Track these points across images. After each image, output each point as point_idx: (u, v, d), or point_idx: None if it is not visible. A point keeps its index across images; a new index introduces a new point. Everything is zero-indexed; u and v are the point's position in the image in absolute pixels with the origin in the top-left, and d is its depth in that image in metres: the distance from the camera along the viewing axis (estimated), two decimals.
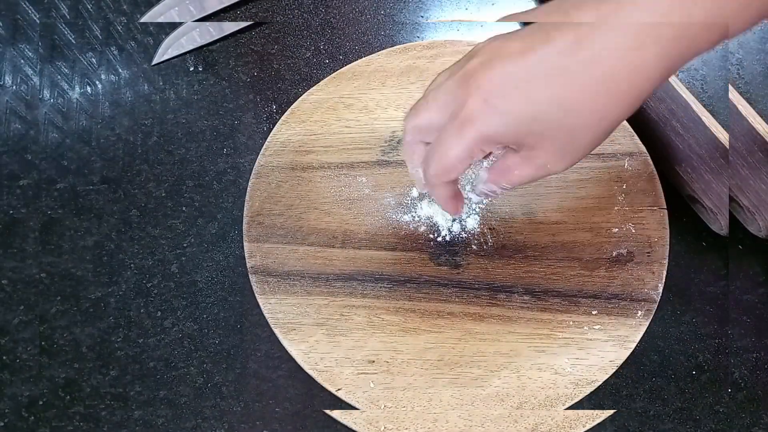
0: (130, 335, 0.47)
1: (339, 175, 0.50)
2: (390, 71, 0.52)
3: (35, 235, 0.49)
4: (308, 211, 0.49)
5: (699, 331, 0.47)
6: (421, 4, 0.56)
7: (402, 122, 0.37)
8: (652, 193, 0.48)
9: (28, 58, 0.54)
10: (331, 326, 0.46)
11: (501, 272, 0.47)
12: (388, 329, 0.46)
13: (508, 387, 0.44)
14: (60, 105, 0.53)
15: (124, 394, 0.46)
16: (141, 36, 0.55)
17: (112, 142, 0.52)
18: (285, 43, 0.55)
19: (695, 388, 0.45)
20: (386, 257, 0.48)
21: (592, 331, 0.45)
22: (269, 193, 0.50)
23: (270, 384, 0.46)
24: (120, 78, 0.54)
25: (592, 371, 0.44)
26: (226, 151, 0.52)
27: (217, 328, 0.47)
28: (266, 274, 0.47)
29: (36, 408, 0.45)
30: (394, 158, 0.50)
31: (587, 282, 0.46)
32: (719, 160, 0.45)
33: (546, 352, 0.45)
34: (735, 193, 0.45)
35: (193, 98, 0.53)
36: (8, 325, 0.47)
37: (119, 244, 0.49)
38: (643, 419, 0.45)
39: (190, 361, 0.47)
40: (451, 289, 0.47)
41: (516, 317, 0.46)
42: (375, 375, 0.45)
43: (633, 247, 0.47)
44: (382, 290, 0.47)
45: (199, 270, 0.49)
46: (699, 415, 0.45)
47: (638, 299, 0.46)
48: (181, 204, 0.50)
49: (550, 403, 0.44)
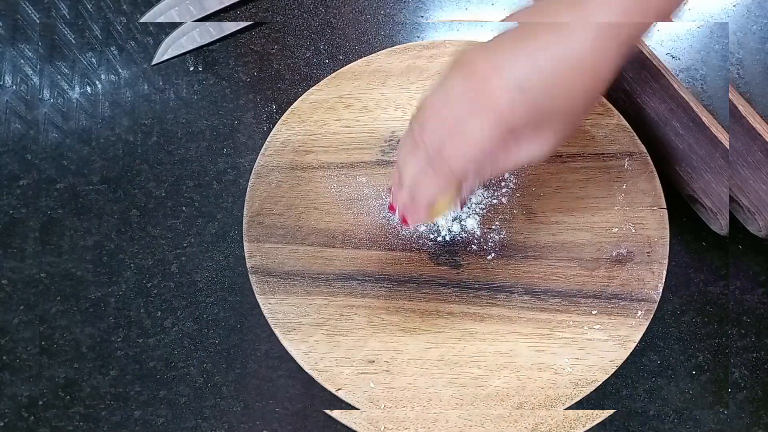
0: (130, 335, 0.47)
1: (339, 175, 0.50)
2: (390, 71, 0.52)
3: (35, 235, 0.49)
4: (308, 211, 0.49)
5: (699, 331, 0.47)
6: (421, 4, 0.56)
7: (403, 122, 0.38)
8: (652, 193, 0.48)
9: (28, 58, 0.54)
10: (331, 326, 0.46)
11: (501, 272, 0.47)
12: (388, 329, 0.46)
13: (508, 387, 0.44)
14: (60, 105, 0.53)
15: (124, 394, 0.46)
16: (141, 36, 0.55)
17: (112, 142, 0.52)
18: (285, 43, 0.55)
19: (695, 388, 0.45)
20: (386, 257, 0.48)
21: (592, 331, 0.45)
22: (269, 193, 0.50)
23: (270, 384, 0.46)
24: (120, 78, 0.54)
25: (592, 371, 0.44)
26: (226, 151, 0.52)
27: (217, 328, 0.47)
28: (266, 274, 0.47)
29: (36, 408, 0.45)
30: (394, 158, 0.50)
31: (587, 282, 0.46)
32: (719, 160, 0.45)
33: (546, 352, 0.45)
34: (735, 193, 0.45)
35: (193, 98, 0.53)
36: (8, 325, 0.47)
37: (119, 244, 0.49)
38: (643, 419, 0.45)
39: (190, 361, 0.47)
40: (451, 289, 0.47)
41: (516, 317, 0.46)
42: (375, 375, 0.45)
43: (633, 247, 0.47)
44: (382, 290, 0.47)
45: (199, 270, 0.49)
46: (699, 415, 0.45)
47: (638, 299, 0.46)
48: (181, 204, 0.51)
49: (550, 403, 0.44)
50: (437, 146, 0.36)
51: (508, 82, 0.34)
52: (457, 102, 0.35)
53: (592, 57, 0.34)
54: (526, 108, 0.34)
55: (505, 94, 0.34)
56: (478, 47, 0.35)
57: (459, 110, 0.35)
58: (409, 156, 0.38)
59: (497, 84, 0.34)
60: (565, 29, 0.34)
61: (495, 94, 0.34)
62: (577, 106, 0.36)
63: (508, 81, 0.34)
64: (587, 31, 0.33)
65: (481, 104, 0.35)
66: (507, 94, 0.34)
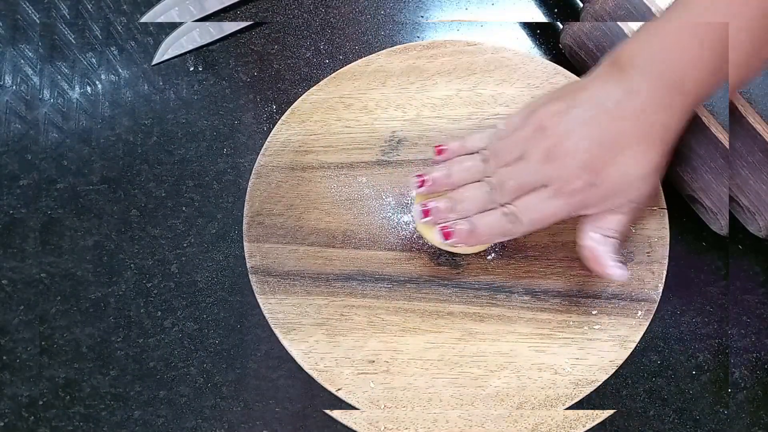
0: (130, 335, 0.47)
1: (339, 175, 0.50)
2: (390, 71, 0.52)
3: (35, 235, 0.49)
4: (308, 211, 0.49)
5: (699, 331, 0.47)
6: (421, 4, 0.56)
7: (403, 122, 0.38)
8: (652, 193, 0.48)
9: (28, 58, 0.54)
10: (331, 326, 0.46)
11: (501, 272, 0.47)
12: (388, 329, 0.46)
13: (508, 387, 0.44)
14: (60, 105, 0.53)
15: (124, 394, 0.46)
16: (141, 36, 0.55)
17: (112, 142, 0.52)
18: (285, 43, 0.55)
19: (695, 388, 0.45)
20: (386, 257, 0.48)
21: (592, 331, 0.45)
22: (269, 193, 0.50)
23: (270, 384, 0.46)
24: (120, 78, 0.54)
25: (592, 371, 0.44)
26: (226, 151, 0.52)
27: (217, 328, 0.47)
28: (266, 274, 0.47)
29: (36, 408, 0.45)
30: (394, 158, 0.50)
31: (587, 282, 0.46)
32: (719, 160, 0.45)
33: (546, 352, 0.45)
34: (735, 193, 0.45)
35: (193, 98, 0.53)
36: (8, 325, 0.47)
37: (119, 244, 0.49)
38: (643, 419, 0.45)
39: (190, 361, 0.47)
40: (451, 289, 0.47)
41: (516, 317, 0.46)
42: (375, 375, 0.45)
43: (633, 247, 0.47)
44: (382, 290, 0.47)
45: (199, 270, 0.49)
46: (699, 415, 0.45)
47: (638, 299, 0.46)
48: (181, 204, 0.51)
49: (550, 403, 0.44)
50: (510, 199, 0.41)
51: (583, 174, 0.39)
52: (534, 174, 0.40)
53: (651, 104, 0.38)
54: (600, 194, 0.40)
55: (579, 183, 0.39)
56: (552, 105, 0.41)
57: (535, 179, 0.40)
58: (474, 185, 0.42)
59: (574, 173, 0.39)
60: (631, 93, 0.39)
61: (573, 184, 0.39)
62: (642, 166, 0.40)
63: (582, 171, 0.39)
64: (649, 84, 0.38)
65: (558, 189, 0.39)
66: (581, 182, 0.39)
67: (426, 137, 0.50)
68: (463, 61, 0.52)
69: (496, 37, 0.55)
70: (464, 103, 0.51)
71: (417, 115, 0.51)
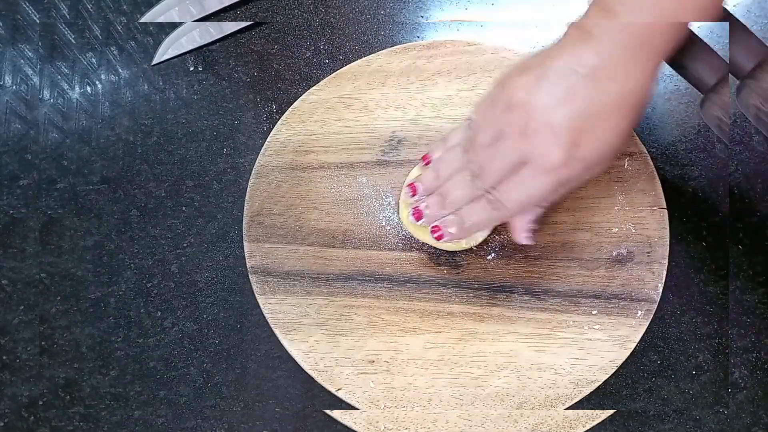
0: (130, 335, 0.47)
1: (339, 175, 0.50)
2: (390, 71, 0.52)
3: (35, 235, 0.49)
4: (308, 211, 0.49)
5: (699, 331, 0.47)
6: (421, 4, 0.56)
7: (402, 122, 0.38)
8: (652, 193, 0.48)
9: (28, 58, 0.54)
10: (331, 326, 0.46)
11: (501, 272, 0.47)
12: (388, 329, 0.46)
13: (508, 387, 0.44)
14: (60, 105, 0.53)
15: (124, 394, 0.46)
16: (141, 36, 0.55)
17: (112, 142, 0.52)
18: (285, 43, 0.55)
19: (695, 388, 0.45)
20: (386, 257, 0.48)
21: (592, 331, 0.45)
22: (269, 193, 0.50)
23: (270, 384, 0.46)
24: (120, 78, 0.54)
25: (592, 371, 0.44)
26: (226, 151, 0.52)
27: (217, 328, 0.47)
28: (266, 274, 0.47)
29: (36, 408, 0.45)
30: (394, 158, 0.50)
31: (587, 282, 0.46)
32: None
33: (546, 352, 0.45)
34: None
35: (193, 98, 0.53)
36: (8, 325, 0.47)
37: (119, 244, 0.49)
38: (643, 419, 0.45)
39: (190, 361, 0.47)
40: (451, 289, 0.47)
41: (516, 317, 0.46)
42: (375, 375, 0.45)
43: (633, 247, 0.47)
44: (382, 290, 0.47)
45: (199, 270, 0.49)
46: (699, 415, 0.45)
47: (638, 299, 0.46)
48: (181, 204, 0.51)
49: (550, 403, 0.44)
50: (493, 183, 0.40)
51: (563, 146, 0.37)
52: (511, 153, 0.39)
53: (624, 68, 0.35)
54: (582, 166, 0.38)
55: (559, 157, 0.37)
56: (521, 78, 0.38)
57: (513, 158, 0.39)
58: (457, 176, 0.42)
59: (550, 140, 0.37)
60: (592, 40, 0.35)
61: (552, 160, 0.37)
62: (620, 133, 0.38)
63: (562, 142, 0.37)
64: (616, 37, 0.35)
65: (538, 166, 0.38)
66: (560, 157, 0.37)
67: (426, 137, 0.50)
68: (463, 61, 0.52)
69: (496, 37, 0.55)
70: (464, 103, 0.51)
71: (417, 115, 0.51)
